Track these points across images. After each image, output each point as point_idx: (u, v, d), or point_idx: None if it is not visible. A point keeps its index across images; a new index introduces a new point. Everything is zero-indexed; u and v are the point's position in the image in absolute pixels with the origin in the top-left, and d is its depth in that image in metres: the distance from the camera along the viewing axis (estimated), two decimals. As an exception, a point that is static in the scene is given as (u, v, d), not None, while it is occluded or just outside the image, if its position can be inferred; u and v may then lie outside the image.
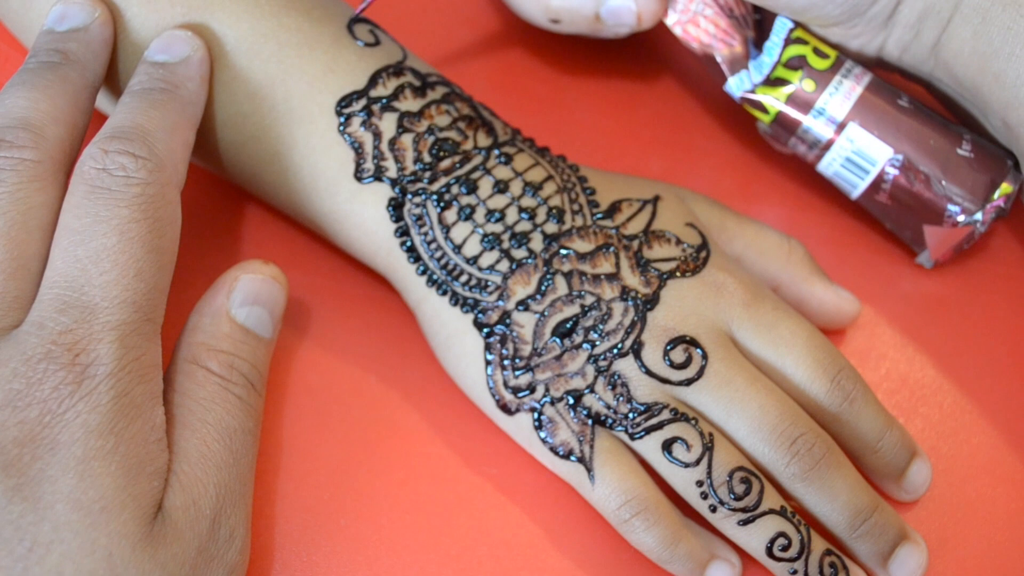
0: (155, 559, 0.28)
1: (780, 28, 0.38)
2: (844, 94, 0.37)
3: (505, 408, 0.34)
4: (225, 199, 0.40)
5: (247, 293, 0.33)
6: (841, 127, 0.37)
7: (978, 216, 0.37)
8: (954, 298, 0.41)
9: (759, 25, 0.40)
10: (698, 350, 0.33)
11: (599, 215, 0.35)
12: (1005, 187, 0.38)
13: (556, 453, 0.34)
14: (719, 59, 0.38)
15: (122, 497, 0.28)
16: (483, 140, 0.36)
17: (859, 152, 0.38)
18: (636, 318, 0.34)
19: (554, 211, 0.35)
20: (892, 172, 0.38)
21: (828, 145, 0.38)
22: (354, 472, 0.35)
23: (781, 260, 0.38)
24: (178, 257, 0.32)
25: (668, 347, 0.33)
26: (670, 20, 0.39)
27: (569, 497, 0.35)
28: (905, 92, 0.39)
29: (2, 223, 0.30)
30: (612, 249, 0.35)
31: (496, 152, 0.36)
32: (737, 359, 0.34)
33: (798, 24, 0.38)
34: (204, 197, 0.40)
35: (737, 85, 0.38)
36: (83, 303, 0.29)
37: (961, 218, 0.37)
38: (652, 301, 0.34)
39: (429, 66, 0.37)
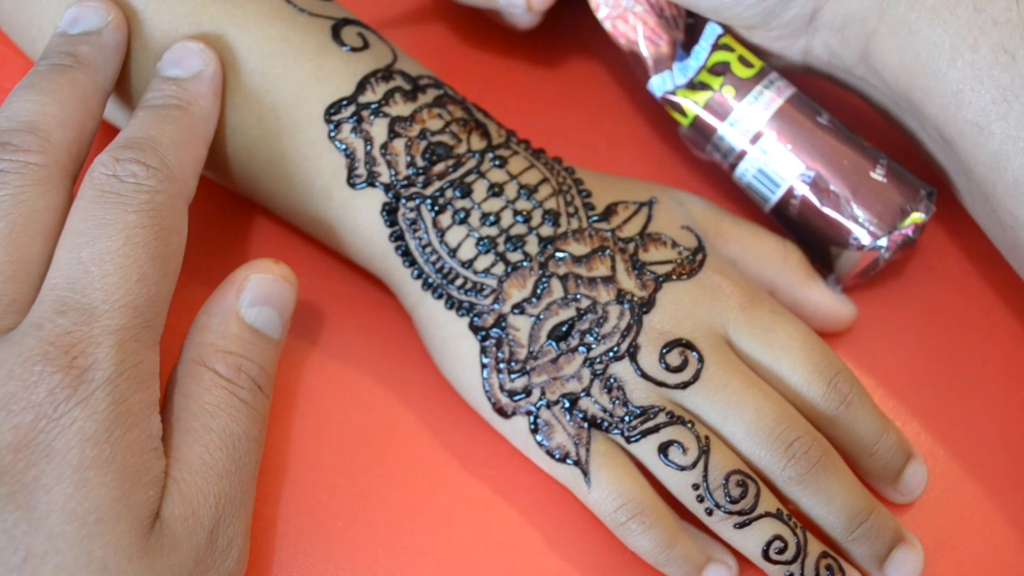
0: (152, 570, 0.28)
1: (709, 33, 0.38)
2: (763, 104, 0.37)
3: (501, 411, 0.34)
4: (224, 201, 0.40)
5: (257, 293, 0.33)
6: (756, 138, 0.37)
7: (882, 242, 0.36)
8: (951, 300, 0.41)
9: (691, 29, 0.39)
10: (694, 353, 0.33)
11: (595, 218, 0.35)
12: (915, 216, 0.37)
13: (552, 456, 0.34)
14: (644, 56, 0.38)
15: (118, 508, 0.27)
16: (477, 143, 0.36)
17: (771, 164, 0.37)
18: (632, 321, 0.34)
19: (549, 214, 0.35)
20: (802, 188, 0.37)
21: (742, 155, 0.37)
22: (351, 474, 0.35)
23: (777, 263, 0.38)
24: (182, 259, 0.32)
25: (664, 350, 0.33)
26: (600, 14, 0.39)
27: (566, 500, 0.35)
28: (832, 107, 0.38)
29: (3, 225, 0.29)
30: (608, 252, 0.34)
31: (490, 155, 0.36)
32: (733, 362, 0.34)
33: (727, 30, 0.38)
34: (205, 199, 0.40)
35: (659, 85, 0.38)
36: (83, 305, 0.29)
37: (867, 242, 0.36)
38: (648, 304, 0.34)
39: (421, 66, 0.37)
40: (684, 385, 0.33)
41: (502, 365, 0.34)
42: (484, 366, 0.34)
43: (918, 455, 0.36)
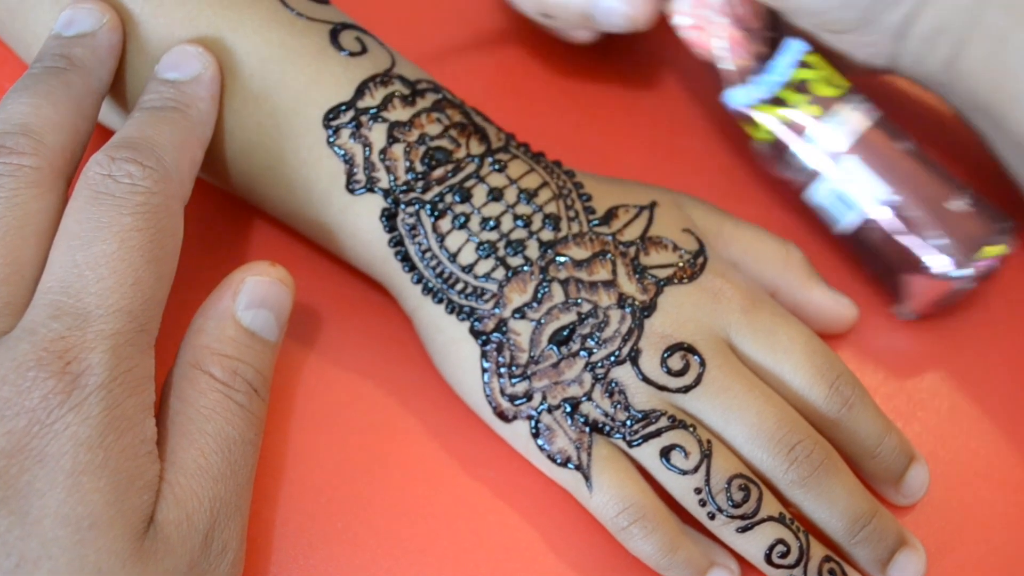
0: (146, 575, 0.27)
1: (792, 49, 0.37)
2: (847, 126, 0.36)
3: (502, 416, 0.34)
4: (222, 203, 0.40)
5: (254, 296, 0.32)
6: (836, 158, 0.37)
7: (962, 272, 0.36)
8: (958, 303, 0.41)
9: (772, 43, 0.39)
10: (696, 357, 0.33)
11: (595, 221, 0.35)
12: (995, 248, 0.36)
13: (554, 460, 0.34)
14: (723, 68, 0.38)
15: (111, 513, 0.27)
16: (476, 147, 0.36)
17: (851, 186, 0.37)
18: (633, 325, 0.33)
19: (550, 218, 0.35)
20: (880, 213, 0.37)
21: (819, 174, 0.37)
22: (352, 476, 0.35)
23: (779, 265, 0.37)
24: (177, 262, 0.32)
25: (665, 354, 0.33)
26: (678, 23, 0.38)
27: (568, 503, 0.35)
28: (911, 135, 0.38)
29: None
30: (609, 256, 0.34)
31: (490, 159, 0.35)
32: (735, 365, 0.34)
33: (814, 46, 0.38)
34: (202, 201, 0.40)
35: (737, 98, 0.38)
36: (77, 310, 0.28)
37: (945, 271, 0.36)
38: (649, 308, 0.34)
39: (420, 70, 0.37)
40: (686, 389, 0.33)
41: (503, 369, 0.34)
42: (485, 370, 0.34)
43: (920, 457, 0.36)
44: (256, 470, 0.32)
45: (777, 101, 0.37)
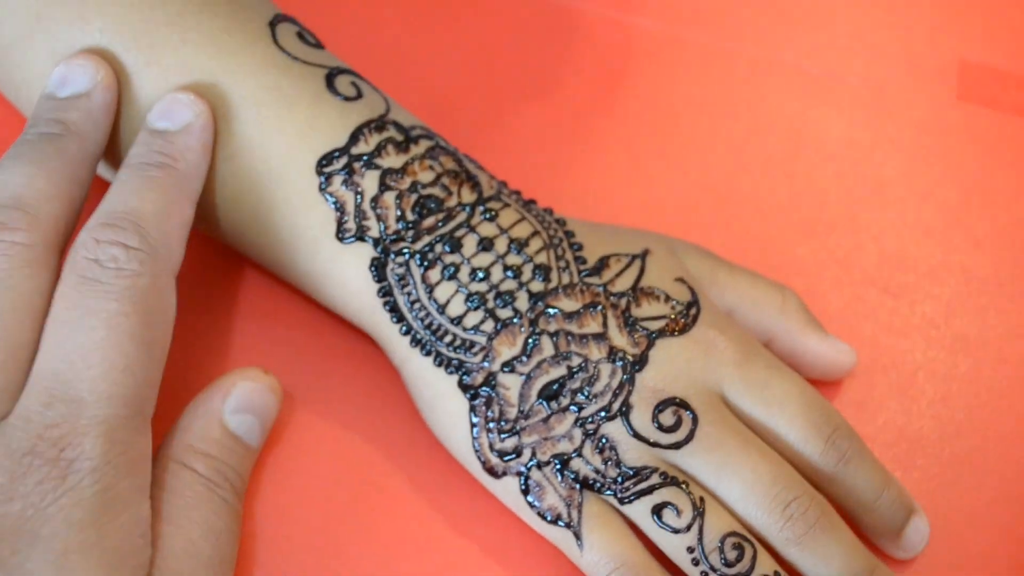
0: None
1: None
2: None
3: (492, 471, 0.33)
4: (209, 253, 0.39)
5: (241, 400, 0.33)
6: None
7: None
8: (953, 347, 0.40)
9: None
10: (688, 412, 0.33)
11: (586, 272, 0.35)
12: None
13: (544, 518, 0.33)
14: None
15: None
16: (468, 195, 0.35)
17: None
18: (624, 379, 0.33)
19: (540, 269, 0.34)
20: None
21: None
22: (338, 534, 0.35)
23: (775, 312, 0.37)
24: (171, 337, 0.32)
25: (657, 409, 0.33)
26: None
27: (559, 561, 0.34)
28: None
29: None
30: (600, 308, 0.34)
31: (481, 208, 0.35)
32: (728, 420, 0.33)
33: None
34: (194, 245, 0.39)
35: None
36: (70, 397, 0.29)
37: None
38: (640, 362, 0.33)
39: (413, 117, 0.37)
40: (678, 445, 0.32)
41: (492, 424, 0.33)
42: (474, 425, 0.33)
43: (920, 510, 0.35)
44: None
45: None
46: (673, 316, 0.34)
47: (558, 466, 0.33)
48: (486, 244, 0.34)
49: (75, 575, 0.27)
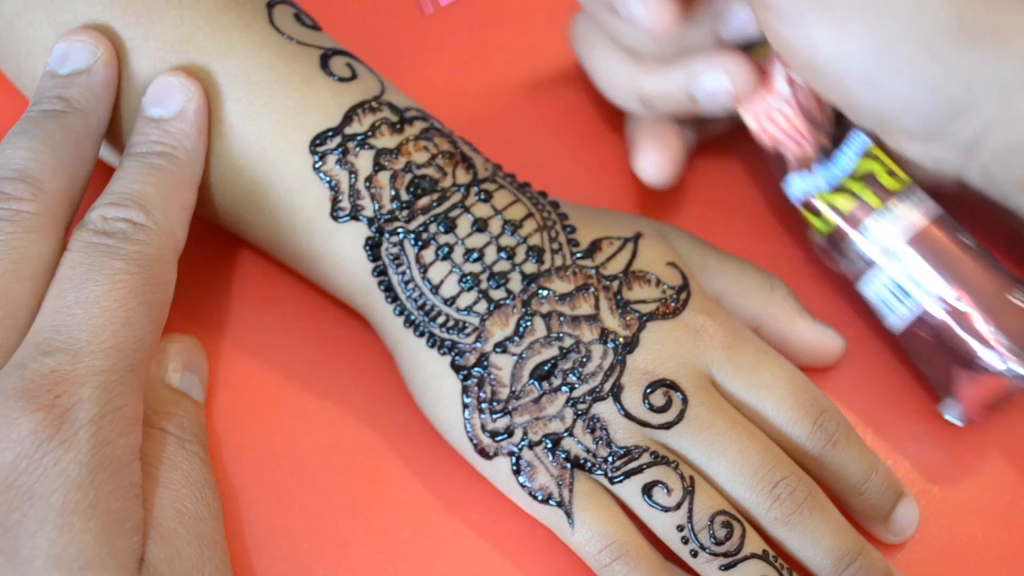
0: None
1: (857, 141, 0.36)
2: (907, 219, 0.35)
3: (483, 452, 0.34)
4: (205, 234, 0.39)
5: (178, 361, 0.35)
6: (894, 251, 0.35)
7: (1019, 369, 0.34)
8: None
9: (835, 141, 0.37)
10: (678, 393, 0.33)
11: (579, 254, 0.35)
12: None
13: (535, 498, 0.33)
14: (788, 157, 0.37)
15: (103, 554, 0.27)
16: (462, 176, 0.35)
17: (907, 280, 0.35)
18: (615, 361, 0.33)
19: (533, 250, 0.35)
20: (938, 309, 0.35)
21: (872, 265, 0.36)
22: (333, 519, 0.35)
23: (763, 299, 0.37)
24: (168, 312, 0.32)
25: (648, 390, 0.33)
26: (745, 110, 0.37)
27: (550, 543, 0.34)
28: (970, 230, 0.36)
29: None
30: (592, 290, 0.34)
31: (475, 189, 0.35)
32: (718, 402, 0.33)
33: (877, 142, 0.36)
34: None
35: (799, 187, 0.37)
36: (69, 346, 0.28)
37: (999, 367, 0.35)
38: (631, 344, 0.33)
39: (408, 98, 0.37)
40: (668, 425, 0.33)
41: (484, 405, 0.33)
42: (466, 406, 0.34)
43: (909, 493, 0.36)
44: (231, 510, 0.33)
45: (840, 191, 0.36)
46: (664, 299, 0.34)
47: (549, 446, 0.33)
48: (480, 225, 0.35)
49: (76, 537, 0.27)
